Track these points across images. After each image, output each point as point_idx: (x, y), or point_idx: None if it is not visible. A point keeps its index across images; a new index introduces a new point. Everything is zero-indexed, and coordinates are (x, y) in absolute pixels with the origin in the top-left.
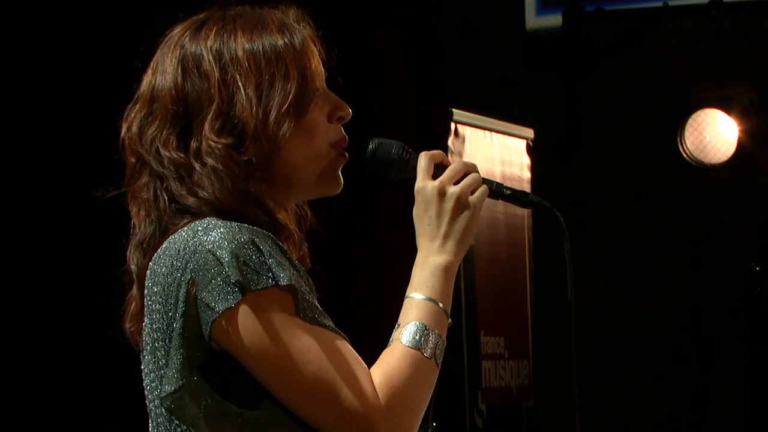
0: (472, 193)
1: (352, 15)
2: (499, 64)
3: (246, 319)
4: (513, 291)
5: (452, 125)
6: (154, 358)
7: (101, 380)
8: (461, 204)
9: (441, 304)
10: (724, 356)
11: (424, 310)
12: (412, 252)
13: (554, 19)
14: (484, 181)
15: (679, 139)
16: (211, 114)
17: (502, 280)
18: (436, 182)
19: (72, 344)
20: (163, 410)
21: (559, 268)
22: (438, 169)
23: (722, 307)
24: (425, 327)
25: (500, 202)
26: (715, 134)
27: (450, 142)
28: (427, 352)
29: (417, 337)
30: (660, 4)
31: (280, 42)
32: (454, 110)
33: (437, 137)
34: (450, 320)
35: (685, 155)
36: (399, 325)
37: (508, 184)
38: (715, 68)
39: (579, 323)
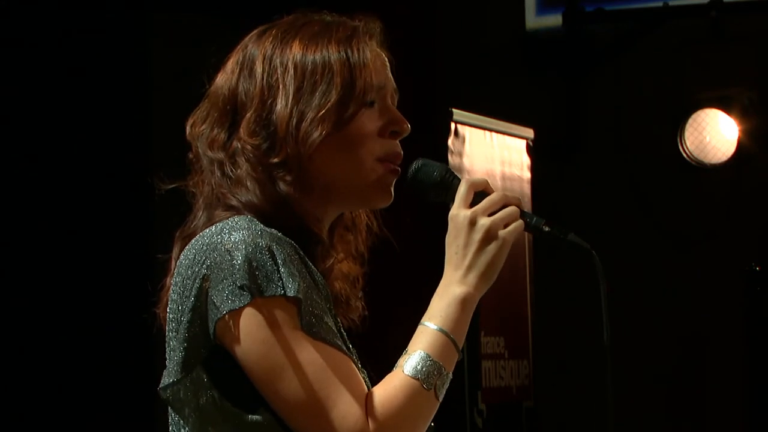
0: (505, 226)
1: (352, 15)
2: (499, 64)
3: (248, 323)
4: (513, 291)
5: (452, 125)
6: (168, 347)
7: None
8: (490, 236)
9: (452, 336)
10: (724, 356)
11: (433, 341)
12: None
13: (554, 19)
14: (523, 214)
15: (679, 139)
16: (249, 114)
17: (502, 280)
18: (469, 211)
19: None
20: None
21: (560, 267)
22: (478, 197)
23: (722, 307)
24: (429, 358)
25: None
26: (715, 134)
27: (450, 142)
28: (427, 384)
29: (419, 367)
30: (660, 4)
31: (334, 54)
32: (454, 110)
33: (437, 137)
34: (460, 355)
35: (685, 155)
36: (406, 351)
37: (508, 184)
38: (715, 68)
39: (578, 323)
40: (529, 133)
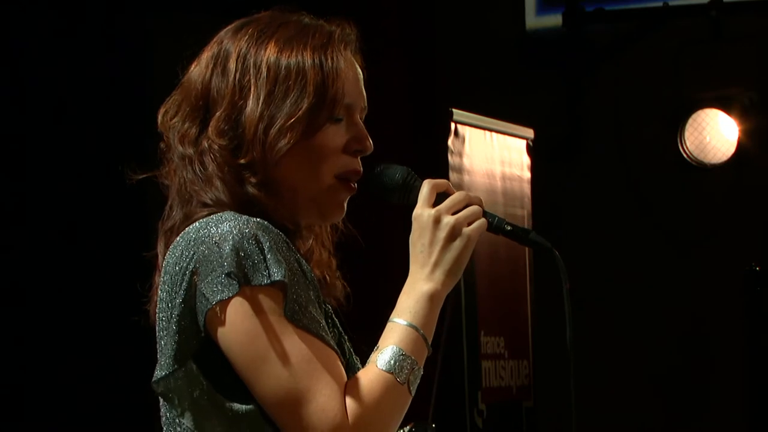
0: (469, 224)
1: (352, 15)
2: (499, 64)
3: (235, 313)
4: (513, 291)
5: (452, 125)
6: (159, 345)
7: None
8: (454, 234)
9: (422, 332)
10: (724, 356)
11: (404, 336)
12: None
13: (554, 19)
14: (486, 214)
15: (679, 139)
16: (219, 113)
17: (502, 280)
18: (433, 210)
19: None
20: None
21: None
22: (440, 198)
23: (722, 307)
24: (402, 352)
25: (500, 201)
26: (715, 134)
27: (450, 142)
28: (401, 378)
29: (392, 362)
30: (660, 4)
31: (309, 60)
32: (454, 110)
33: (437, 137)
34: (430, 350)
35: (685, 155)
36: (378, 347)
37: (508, 184)
38: (715, 68)
39: (578, 322)
40: (529, 133)
